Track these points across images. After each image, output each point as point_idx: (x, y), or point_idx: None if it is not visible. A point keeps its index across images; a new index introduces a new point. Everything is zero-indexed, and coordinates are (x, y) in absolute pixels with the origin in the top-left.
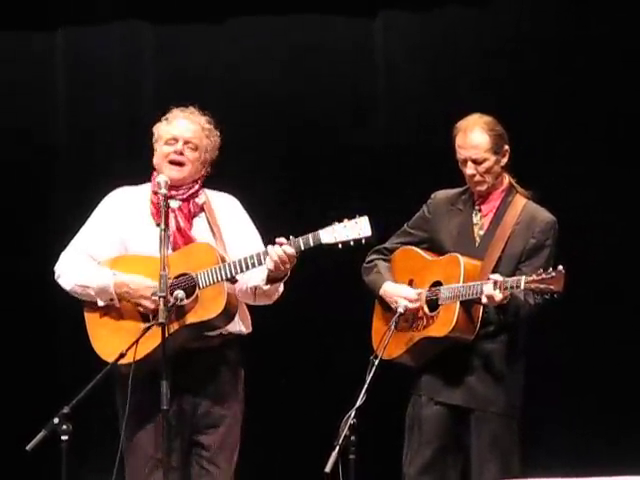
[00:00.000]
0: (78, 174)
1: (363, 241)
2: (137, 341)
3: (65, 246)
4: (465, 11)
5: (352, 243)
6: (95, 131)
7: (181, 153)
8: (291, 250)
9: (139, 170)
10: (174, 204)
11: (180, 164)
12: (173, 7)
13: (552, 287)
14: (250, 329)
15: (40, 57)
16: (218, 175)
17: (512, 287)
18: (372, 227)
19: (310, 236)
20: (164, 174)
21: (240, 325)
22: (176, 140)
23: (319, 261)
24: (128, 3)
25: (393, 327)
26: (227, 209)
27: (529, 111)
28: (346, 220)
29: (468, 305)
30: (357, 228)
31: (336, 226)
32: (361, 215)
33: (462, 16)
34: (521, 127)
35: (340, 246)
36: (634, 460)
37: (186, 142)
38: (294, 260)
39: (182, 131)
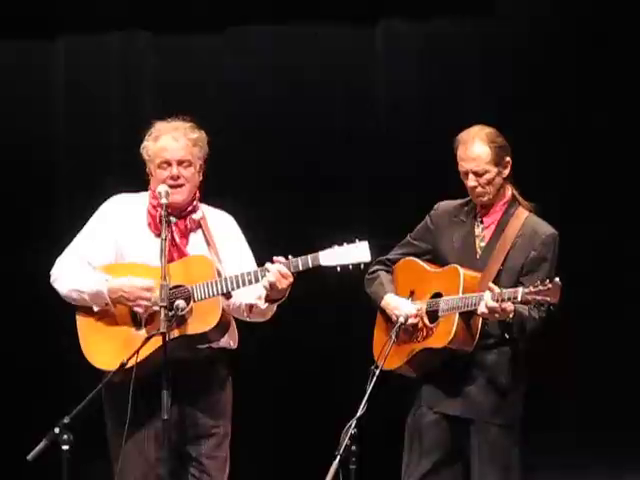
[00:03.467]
0: (76, 182)
1: (362, 266)
2: (138, 351)
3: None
4: (464, 19)
5: (351, 267)
6: (94, 138)
7: (178, 177)
8: (285, 270)
9: (135, 183)
10: (171, 220)
11: (179, 186)
12: (173, 16)
13: (548, 299)
14: (237, 344)
15: (39, 65)
16: (218, 176)
17: (509, 298)
18: (371, 251)
19: (309, 257)
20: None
21: (228, 339)
22: (169, 164)
23: (319, 271)
24: (127, 12)
25: (394, 337)
26: (223, 227)
27: (530, 117)
28: (346, 244)
29: (467, 317)
30: (357, 253)
31: (336, 249)
32: (361, 239)
33: (461, 24)
34: (521, 134)
35: (339, 269)
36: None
37: (179, 163)
38: (291, 279)
39: (173, 153)
